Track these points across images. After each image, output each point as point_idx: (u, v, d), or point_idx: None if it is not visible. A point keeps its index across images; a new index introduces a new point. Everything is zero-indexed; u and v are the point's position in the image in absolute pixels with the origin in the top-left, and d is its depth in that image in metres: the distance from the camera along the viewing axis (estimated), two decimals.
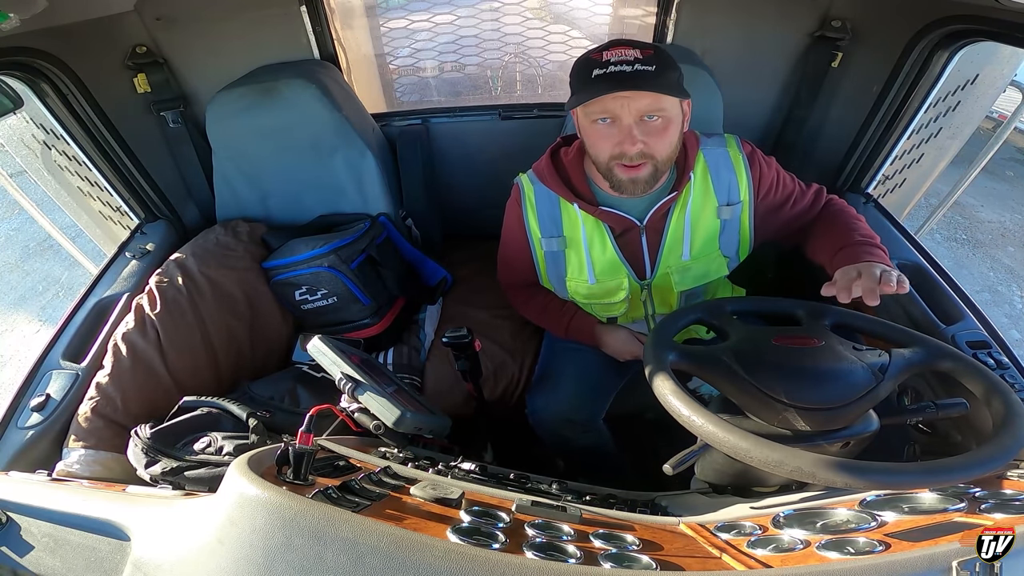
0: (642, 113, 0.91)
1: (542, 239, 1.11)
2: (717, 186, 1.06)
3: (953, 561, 0.43)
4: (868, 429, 0.72)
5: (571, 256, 1.11)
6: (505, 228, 1.20)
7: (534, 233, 1.12)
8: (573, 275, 1.13)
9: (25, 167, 1.68)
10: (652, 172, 0.97)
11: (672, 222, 1.07)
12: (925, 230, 1.89)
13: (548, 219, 1.10)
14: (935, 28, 1.16)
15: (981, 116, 1.60)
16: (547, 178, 1.09)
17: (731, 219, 1.08)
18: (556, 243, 1.10)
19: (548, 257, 1.13)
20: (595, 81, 0.90)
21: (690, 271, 1.11)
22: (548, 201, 1.09)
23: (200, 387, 1.14)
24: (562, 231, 1.10)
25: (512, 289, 1.31)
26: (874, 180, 1.47)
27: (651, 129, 0.93)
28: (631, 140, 0.92)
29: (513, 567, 0.44)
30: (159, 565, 0.50)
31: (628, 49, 0.90)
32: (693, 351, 0.78)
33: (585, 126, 0.98)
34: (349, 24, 1.79)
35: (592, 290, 1.13)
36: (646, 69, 0.88)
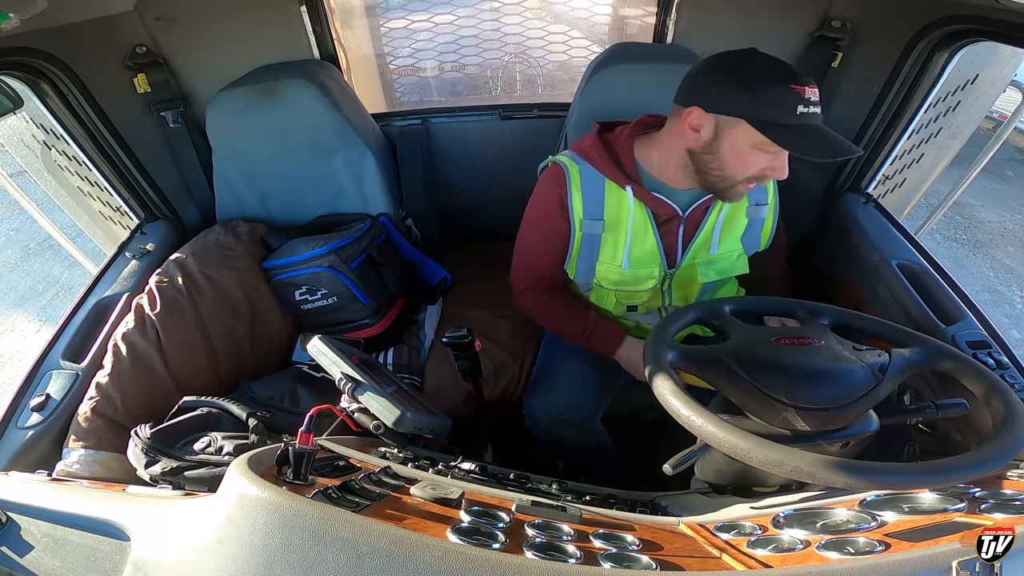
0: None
1: (583, 220, 1.07)
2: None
3: (953, 561, 0.43)
4: (868, 429, 0.72)
5: (607, 240, 1.08)
6: (535, 216, 1.14)
7: (576, 215, 1.07)
8: (606, 259, 1.10)
9: (25, 167, 1.68)
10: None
11: (711, 216, 1.09)
12: (925, 230, 1.89)
13: (593, 201, 1.06)
14: (935, 28, 1.16)
15: (981, 116, 1.60)
16: (597, 159, 1.05)
17: (756, 219, 1.13)
18: (597, 226, 1.07)
19: (584, 240, 1.09)
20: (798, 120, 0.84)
21: (714, 265, 1.13)
22: (594, 182, 1.05)
23: (200, 387, 1.14)
24: (603, 214, 1.06)
25: (528, 292, 1.24)
26: (874, 180, 1.47)
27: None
28: (784, 169, 0.91)
29: (513, 567, 0.44)
30: (159, 565, 0.50)
31: (816, 88, 0.86)
32: (693, 351, 0.78)
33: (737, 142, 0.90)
34: (349, 24, 1.79)
35: (624, 275, 1.11)
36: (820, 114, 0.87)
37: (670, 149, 1.00)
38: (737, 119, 0.88)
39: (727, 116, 0.88)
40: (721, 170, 0.95)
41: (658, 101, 1.31)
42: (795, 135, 0.85)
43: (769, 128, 0.85)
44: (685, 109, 0.93)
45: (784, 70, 0.86)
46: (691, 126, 0.93)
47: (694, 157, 0.97)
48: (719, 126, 0.90)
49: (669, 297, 1.19)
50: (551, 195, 1.09)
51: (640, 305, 1.20)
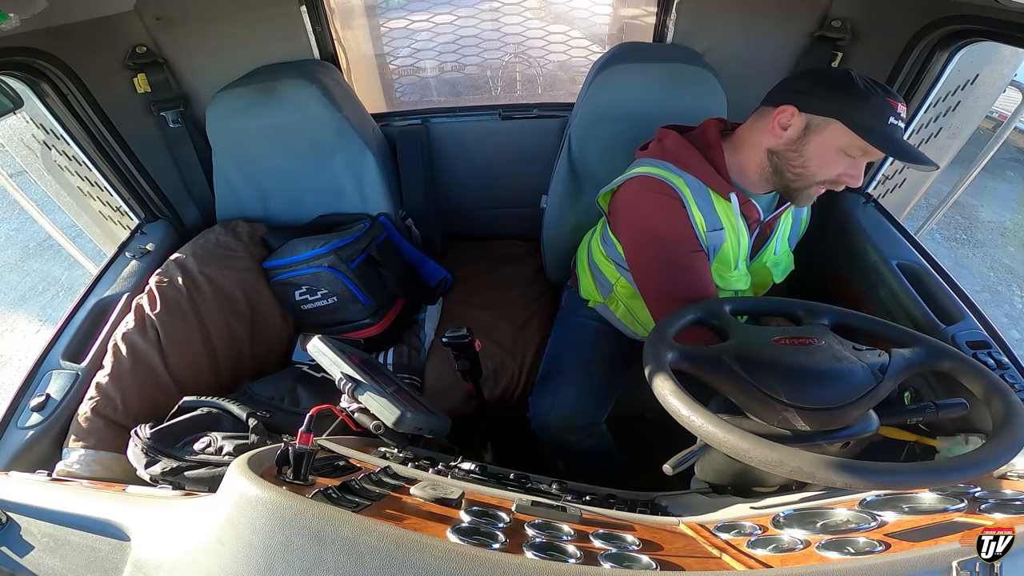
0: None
1: (708, 232, 1.04)
2: None
3: (953, 561, 0.43)
4: (868, 429, 0.72)
5: (726, 248, 1.07)
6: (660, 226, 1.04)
7: (701, 228, 1.04)
8: (722, 262, 1.09)
9: (25, 167, 1.68)
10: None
11: (782, 221, 1.14)
12: (925, 230, 1.89)
13: (709, 212, 1.04)
14: (935, 28, 1.16)
15: (981, 116, 1.60)
16: (696, 167, 1.03)
17: (797, 219, 1.20)
18: (720, 236, 1.05)
19: (710, 251, 1.07)
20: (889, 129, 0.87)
21: (780, 265, 1.19)
22: (702, 194, 1.03)
23: (200, 387, 1.15)
24: (720, 223, 1.05)
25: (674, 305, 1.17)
26: (874, 180, 1.47)
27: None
28: (859, 177, 0.94)
29: (513, 567, 0.44)
30: (159, 565, 0.50)
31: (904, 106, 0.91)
32: (693, 351, 0.78)
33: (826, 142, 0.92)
34: (349, 24, 1.79)
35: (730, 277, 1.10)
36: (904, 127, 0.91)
37: (752, 150, 1.01)
38: (831, 119, 0.90)
39: (821, 116, 0.91)
40: (803, 168, 0.96)
41: (664, 100, 1.32)
42: (884, 136, 0.88)
43: (862, 129, 0.88)
44: (775, 108, 0.95)
45: (881, 85, 0.90)
46: (780, 124, 0.95)
47: (774, 156, 0.98)
48: (810, 125, 0.93)
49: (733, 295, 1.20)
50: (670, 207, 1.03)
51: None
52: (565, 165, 1.44)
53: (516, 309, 1.57)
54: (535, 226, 1.65)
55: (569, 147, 1.42)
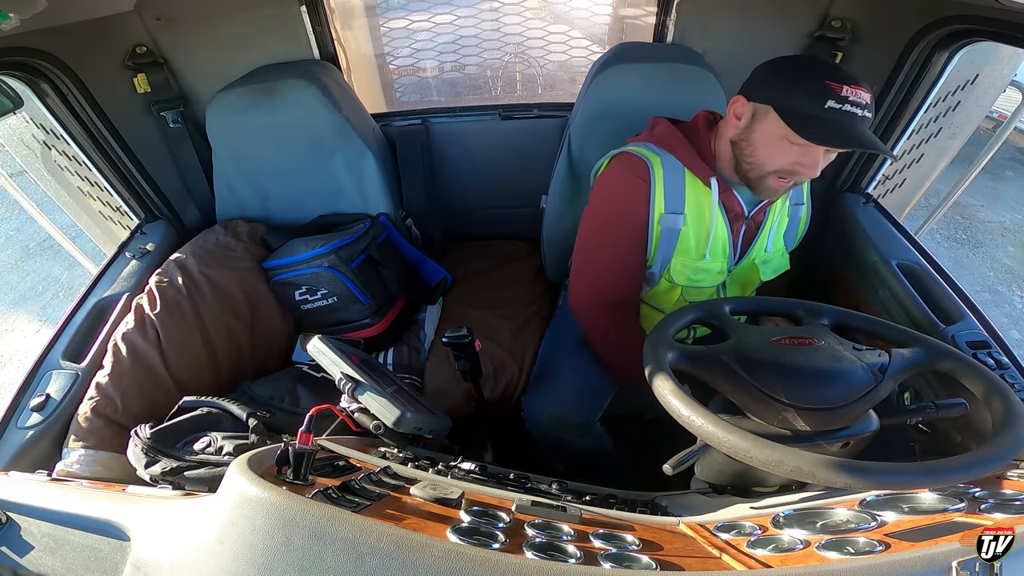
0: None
1: (664, 215, 1.04)
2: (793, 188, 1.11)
3: (953, 561, 0.43)
4: (868, 429, 0.72)
5: (686, 235, 1.07)
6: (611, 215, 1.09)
7: (657, 209, 1.05)
8: (683, 252, 1.08)
9: (25, 167, 1.68)
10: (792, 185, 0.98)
11: (770, 216, 1.12)
12: (925, 230, 1.89)
13: (674, 194, 1.04)
14: (935, 28, 1.16)
15: (981, 116, 1.60)
16: (680, 151, 1.04)
17: (795, 218, 1.18)
18: (676, 220, 1.05)
19: (663, 236, 1.07)
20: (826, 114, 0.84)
21: (769, 263, 1.17)
22: (675, 175, 1.04)
23: (200, 387, 1.15)
24: (683, 208, 1.04)
25: (588, 306, 1.17)
26: (874, 180, 1.47)
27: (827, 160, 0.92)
28: (815, 168, 0.91)
29: (513, 567, 0.44)
30: (159, 565, 0.50)
31: (864, 91, 0.86)
32: (693, 351, 0.78)
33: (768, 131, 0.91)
34: (349, 24, 1.79)
35: (698, 271, 1.09)
36: (867, 117, 0.86)
37: (722, 140, 1.02)
38: (768, 107, 0.90)
39: (762, 104, 0.91)
40: (753, 157, 0.96)
41: (664, 100, 1.32)
42: (813, 124, 0.85)
43: (791, 116, 0.87)
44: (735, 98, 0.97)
45: (827, 67, 0.87)
46: (735, 113, 0.97)
47: (734, 147, 0.99)
48: (755, 114, 0.93)
49: (723, 293, 1.21)
50: (633, 189, 1.05)
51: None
52: (565, 165, 1.44)
53: (516, 309, 1.57)
54: (535, 226, 1.65)
55: (569, 147, 1.42)
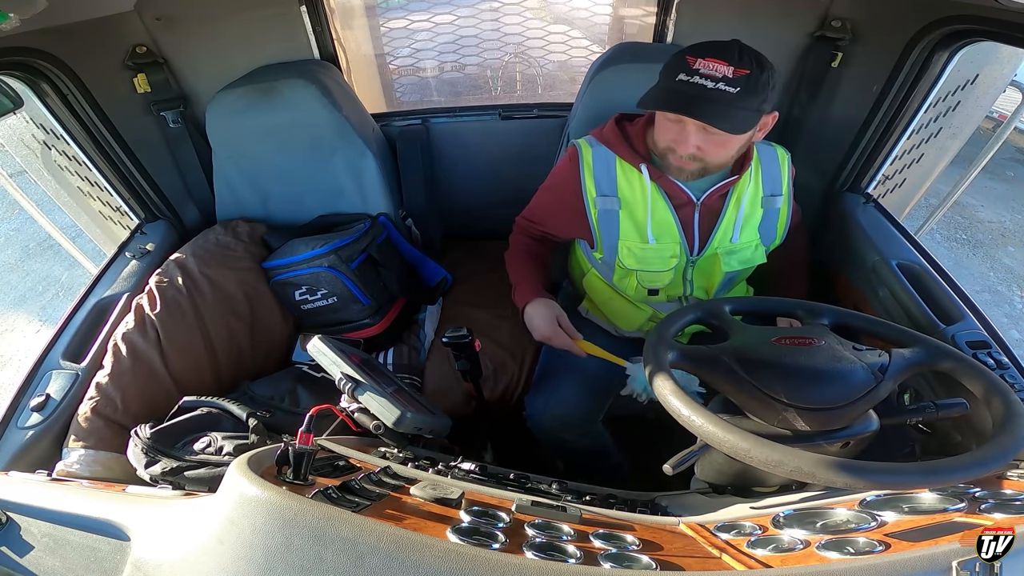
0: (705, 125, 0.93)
1: (597, 198, 1.12)
2: (765, 178, 1.14)
3: (953, 561, 0.43)
4: (868, 429, 0.72)
5: (625, 218, 1.12)
6: (551, 184, 1.23)
7: (589, 192, 1.13)
8: (627, 237, 1.13)
9: (25, 167, 1.68)
10: (701, 168, 1.02)
11: (731, 204, 1.11)
12: (925, 230, 1.90)
13: (604, 179, 1.12)
14: (935, 28, 1.16)
15: (981, 116, 1.60)
16: (612, 141, 1.12)
17: (771, 210, 1.16)
18: (611, 203, 1.12)
19: (602, 217, 1.13)
20: (674, 87, 0.91)
21: (736, 254, 1.16)
22: (605, 163, 1.12)
23: (200, 387, 1.15)
24: (616, 192, 1.11)
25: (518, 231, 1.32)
26: (874, 180, 1.47)
27: (711, 140, 0.96)
28: (686, 144, 0.97)
29: (513, 567, 0.44)
30: (159, 565, 0.50)
31: (723, 65, 0.89)
32: (693, 351, 0.78)
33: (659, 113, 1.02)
34: (349, 24, 1.79)
35: (646, 253, 1.13)
36: (726, 91, 0.89)
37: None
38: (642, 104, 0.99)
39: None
40: (653, 138, 1.05)
41: None
42: (654, 92, 0.95)
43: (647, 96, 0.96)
44: None
45: (699, 45, 0.93)
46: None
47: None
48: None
49: (691, 287, 1.20)
50: (566, 172, 1.16)
51: (661, 291, 1.20)
52: None
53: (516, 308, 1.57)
54: None
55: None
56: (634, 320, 1.27)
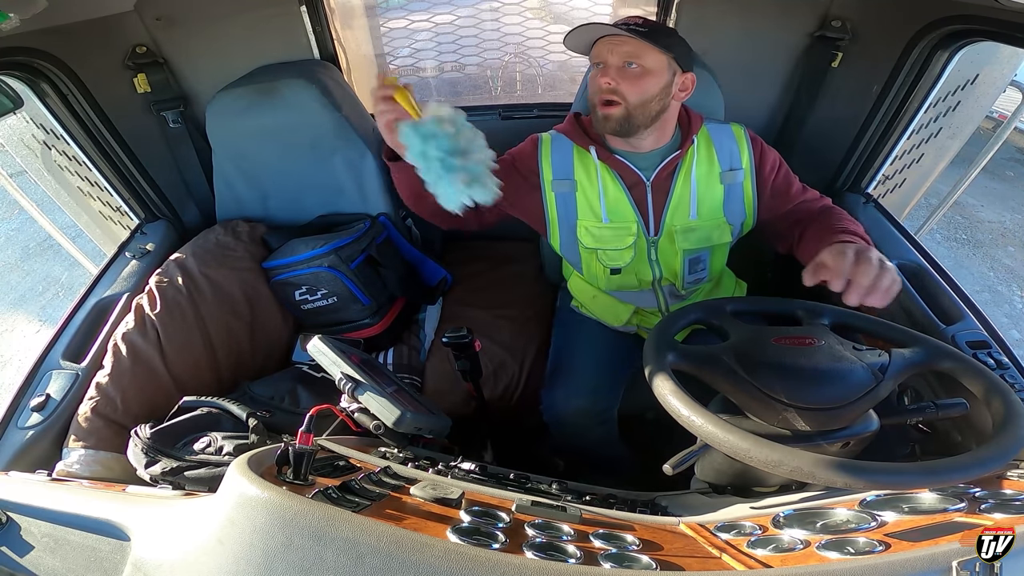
0: (624, 59, 1.02)
1: (553, 181, 1.18)
2: (720, 153, 1.15)
3: (953, 561, 0.43)
4: (868, 429, 0.72)
5: (581, 199, 1.17)
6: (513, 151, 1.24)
7: (546, 176, 1.18)
8: (584, 216, 1.18)
9: (25, 167, 1.68)
10: (623, 115, 1.05)
11: (679, 181, 1.14)
12: (925, 230, 1.90)
13: (560, 163, 1.18)
14: (935, 28, 1.16)
15: (981, 116, 1.60)
16: (568, 131, 1.19)
17: (734, 184, 1.16)
18: (566, 185, 1.17)
19: (559, 200, 1.18)
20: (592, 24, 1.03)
21: (694, 232, 1.17)
22: (562, 149, 1.18)
23: (200, 387, 1.15)
24: (572, 175, 1.17)
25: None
26: (874, 180, 1.47)
27: (628, 74, 1.02)
28: (606, 77, 1.03)
29: (513, 567, 0.44)
30: (159, 565, 0.50)
31: (638, 19, 1.03)
32: (693, 351, 0.78)
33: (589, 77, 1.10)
34: (349, 24, 1.79)
35: (603, 232, 1.17)
36: (638, 28, 1.00)
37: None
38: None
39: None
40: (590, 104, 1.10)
41: None
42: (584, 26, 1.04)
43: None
44: None
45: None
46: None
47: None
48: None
49: (658, 269, 1.21)
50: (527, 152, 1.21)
51: (626, 271, 1.21)
52: None
53: (516, 309, 1.57)
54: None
55: None
56: (620, 315, 1.30)
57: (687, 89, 1.09)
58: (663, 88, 1.05)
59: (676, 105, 1.10)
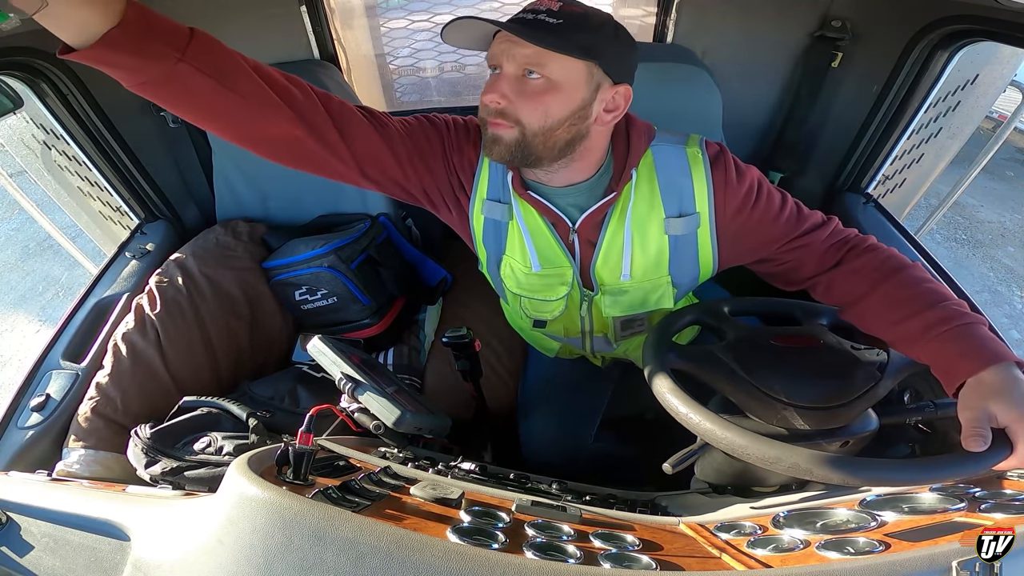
0: (524, 66, 0.73)
1: (486, 201, 0.89)
2: (665, 191, 0.84)
3: (953, 561, 0.43)
4: (867, 428, 0.72)
5: (513, 234, 0.91)
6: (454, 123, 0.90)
7: (480, 191, 0.89)
8: (512, 255, 0.93)
9: (25, 167, 1.68)
10: (517, 140, 0.76)
11: (609, 231, 0.86)
12: (925, 230, 1.89)
13: (499, 181, 0.88)
14: (935, 28, 1.16)
15: (981, 116, 1.60)
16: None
17: (684, 235, 0.86)
18: (498, 211, 0.89)
19: (488, 227, 0.92)
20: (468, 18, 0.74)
21: (625, 295, 0.92)
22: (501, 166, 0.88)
23: (200, 387, 1.15)
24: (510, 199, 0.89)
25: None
26: (874, 180, 1.47)
27: (526, 88, 0.74)
28: (494, 89, 0.75)
29: (513, 567, 0.44)
30: (159, 565, 0.50)
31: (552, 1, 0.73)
32: (692, 351, 0.78)
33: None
34: (349, 24, 1.79)
35: (531, 280, 0.93)
36: (546, 21, 0.71)
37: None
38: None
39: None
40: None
41: (658, 98, 1.31)
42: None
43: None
44: None
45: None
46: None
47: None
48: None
49: (590, 323, 1.00)
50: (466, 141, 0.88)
51: (550, 322, 1.01)
52: None
53: None
54: None
55: None
56: (548, 348, 1.20)
57: (617, 109, 0.78)
58: (577, 109, 0.75)
59: (601, 130, 0.80)
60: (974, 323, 0.70)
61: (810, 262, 0.85)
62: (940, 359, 0.69)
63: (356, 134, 0.79)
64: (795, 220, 0.85)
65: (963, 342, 0.68)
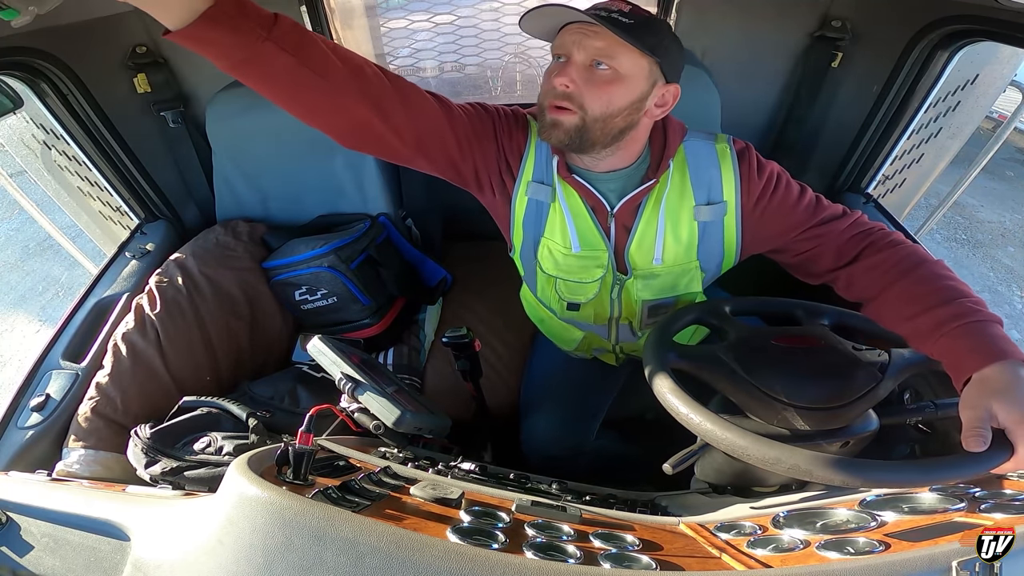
0: (594, 57, 0.79)
1: (531, 183, 0.95)
2: (696, 181, 0.91)
3: (953, 561, 0.43)
4: (867, 429, 0.72)
5: (554, 216, 0.96)
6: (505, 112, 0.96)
7: (526, 173, 0.95)
8: (552, 237, 0.97)
9: (25, 167, 1.68)
10: (577, 126, 0.82)
11: (644, 216, 0.92)
12: (925, 230, 1.89)
13: (544, 164, 0.94)
14: (935, 28, 1.16)
15: (981, 116, 1.60)
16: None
17: (712, 222, 0.92)
18: (543, 192, 0.95)
19: (530, 207, 0.96)
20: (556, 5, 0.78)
21: (657, 279, 0.96)
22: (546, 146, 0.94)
23: (200, 387, 1.15)
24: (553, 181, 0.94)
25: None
26: (874, 180, 1.47)
27: (594, 77, 0.80)
28: (564, 74, 0.80)
29: (513, 567, 0.44)
30: (159, 565, 0.50)
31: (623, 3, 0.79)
32: (693, 351, 0.78)
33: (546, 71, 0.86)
34: (349, 24, 1.79)
35: (570, 261, 0.97)
36: (621, 19, 0.77)
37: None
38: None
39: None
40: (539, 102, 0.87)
41: None
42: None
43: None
44: None
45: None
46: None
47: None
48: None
49: (618, 307, 1.03)
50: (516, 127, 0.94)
51: (583, 305, 1.04)
52: None
53: (516, 309, 1.57)
54: None
55: None
56: (568, 341, 1.19)
57: (665, 105, 0.86)
58: (635, 101, 0.82)
59: (647, 122, 0.88)
60: (987, 320, 0.70)
61: (828, 253, 0.88)
62: (951, 355, 0.70)
63: (423, 111, 0.83)
64: (813, 209, 0.90)
65: (974, 338, 0.68)
